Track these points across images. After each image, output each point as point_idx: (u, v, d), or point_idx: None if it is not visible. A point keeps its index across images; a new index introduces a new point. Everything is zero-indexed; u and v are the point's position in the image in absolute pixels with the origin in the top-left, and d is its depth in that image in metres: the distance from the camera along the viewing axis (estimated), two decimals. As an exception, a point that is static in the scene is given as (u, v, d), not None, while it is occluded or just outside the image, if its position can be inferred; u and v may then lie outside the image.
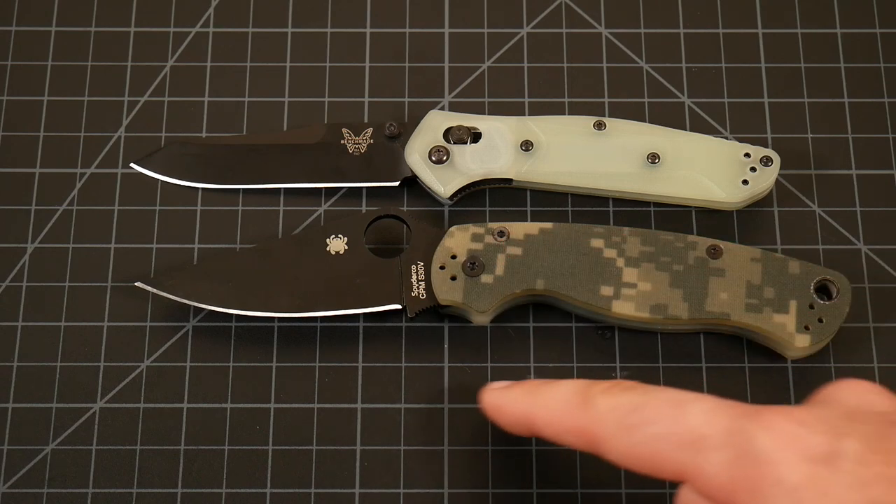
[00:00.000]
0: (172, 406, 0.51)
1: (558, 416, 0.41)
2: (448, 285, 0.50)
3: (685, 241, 0.50)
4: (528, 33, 0.58)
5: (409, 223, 0.51)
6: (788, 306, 0.49)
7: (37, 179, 0.55)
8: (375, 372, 0.51)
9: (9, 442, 0.50)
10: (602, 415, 0.39)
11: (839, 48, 0.57)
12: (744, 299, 0.49)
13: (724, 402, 0.37)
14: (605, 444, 0.39)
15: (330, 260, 0.51)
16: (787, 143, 0.55)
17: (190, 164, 0.55)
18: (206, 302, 0.50)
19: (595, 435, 0.39)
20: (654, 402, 0.38)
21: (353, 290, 0.50)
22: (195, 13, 0.58)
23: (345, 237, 0.51)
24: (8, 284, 0.53)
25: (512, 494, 0.49)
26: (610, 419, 0.39)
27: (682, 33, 0.58)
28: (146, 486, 0.49)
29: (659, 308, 0.49)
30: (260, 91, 0.57)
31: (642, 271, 0.49)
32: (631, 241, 0.50)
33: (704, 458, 0.36)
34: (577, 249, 0.50)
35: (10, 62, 0.57)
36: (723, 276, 0.49)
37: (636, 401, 0.38)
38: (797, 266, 0.49)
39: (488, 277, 0.50)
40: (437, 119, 0.54)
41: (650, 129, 0.54)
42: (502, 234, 0.50)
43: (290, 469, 0.49)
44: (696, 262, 0.49)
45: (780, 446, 0.34)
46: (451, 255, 0.50)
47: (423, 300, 0.50)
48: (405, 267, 0.50)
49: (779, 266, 0.49)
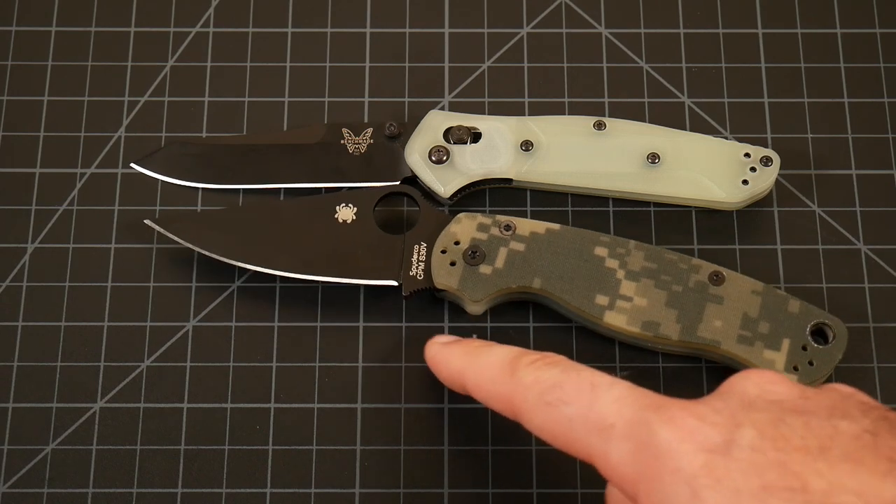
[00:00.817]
0: (172, 406, 0.51)
1: (487, 382, 0.43)
2: (446, 270, 0.50)
3: (689, 263, 0.50)
4: (528, 33, 0.58)
5: (419, 203, 0.52)
6: (781, 344, 0.48)
7: (37, 179, 0.55)
8: (375, 372, 0.51)
9: (9, 442, 0.50)
10: (524, 387, 0.40)
11: (839, 48, 0.57)
12: (737, 330, 0.48)
13: (636, 392, 0.38)
14: (525, 415, 0.40)
15: (336, 227, 0.51)
16: (787, 143, 0.55)
17: (190, 164, 0.55)
18: (209, 249, 0.51)
19: (516, 405, 0.41)
20: (572, 383, 0.39)
21: (354, 260, 0.51)
22: (195, 13, 0.58)
23: (354, 207, 0.51)
24: (8, 284, 0.53)
25: (512, 494, 0.49)
26: (531, 392, 0.40)
27: (682, 33, 0.58)
28: (146, 486, 0.49)
29: (650, 325, 0.49)
30: (260, 91, 0.57)
31: (640, 286, 0.49)
32: (635, 255, 0.50)
33: (611, 446, 0.37)
34: (580, 255, 0.50)
35: (10, 62, 0.57)
36: (720, 303, 0.49)
37: (557, 378, 0.39)
38: (797, 305, 0.49)
39: (487, 268, 0.50)
40: (437, 119, 0.54)
41: (650, 129, 0.54)
42: (509, 227, 0.50)
43: (290, 469, 0.49)
44: (697, 285, 0.49)
45: (679, 438, 0.35)
46: (454, 240, 0.50)
47: (420, 281, 0.50)
48: (408, 246, 0.51)
49: (779, 302, 0.49)
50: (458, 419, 0.50)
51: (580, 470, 0.49)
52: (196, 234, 0.51)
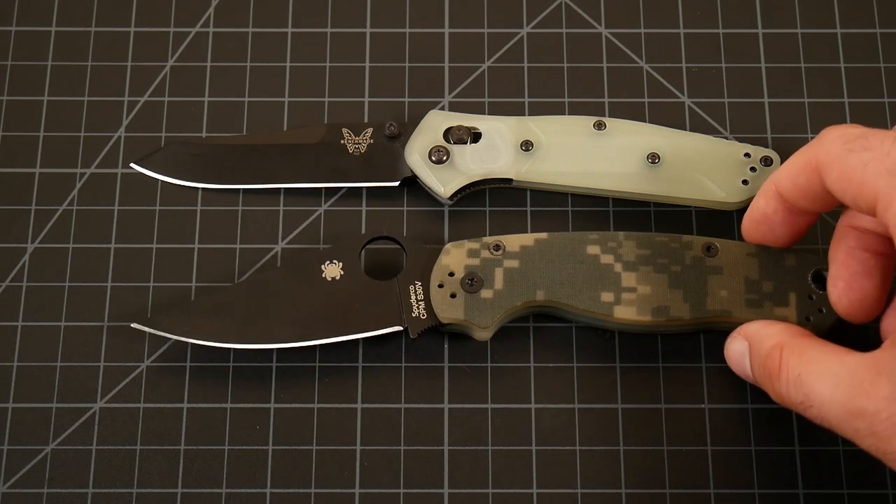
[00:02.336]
0: (172, 406, 0.51)
1: (792, 160, 0.46)
2: (448, 303, 0.49)
3: (680, 241, 0.50)
4: (528, 33, 0.58)
5: (403, 244, 0.51)
6: (788, 298, 0.49)
7: (37, 179, 0.55)
8: (375, 372, 0.51)
9: (9, 442, 0.50)
10: (829, 141, 0.43)
11: (839, 48, 0.57)
12: (744, 295, 0.49)
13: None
14: (826, 168, 0.43)
15: (326, 287, 0.50)
16: (787, 143, 0.55)
17: (190, 164, 0.55)
18: (204, 339, 0.49)
19: (820, 161, 0.44)
20: (876, 135, 0.42)
21: (353, 315, 0.50)
22: (195, 13, 0.58)
23: (340, 262, 0.51)
24: (8, 284, 0.53)
25: (512, 494, 0.49)
26: (835, 145, 0.43)
27: (682, 33, 0.58)
28: (146, 486, 0.49)
29: (660, 310, 0.49)
30: (260, 91, 0.57)
31: (641, 275, 0.49)
32: (627, 246, 0.50)
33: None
34: (575, 257, 0.50)
35: (10, 62, 0.57)
36: (721, 273, 0.49)
37: (862, 131, 0.43)
38: (793, 258, 0.49)
39: (488, 292, 0.49)
40: (437, 119, 0.54)
41: (650, 129, 0.54)
42: (498, 247, 0.50)
43: (290, 469, 0.49)
44: (693, 261, 0.50)
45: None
46: (448, 272, 0.50)
47: (425, 320, 0.49)
48: (403, 288, 0.50)
49: (775, 259, 0.49)
50: (458, 419, 0.50)
51: (581, 470, 0.49)
52: (188, 328, 0.50)
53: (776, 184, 0.47)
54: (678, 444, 0.50)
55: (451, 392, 0.51)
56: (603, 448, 0.50)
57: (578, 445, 0.50)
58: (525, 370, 0.51)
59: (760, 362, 0.45)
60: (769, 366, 0.44)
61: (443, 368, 0.51)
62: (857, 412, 0.40)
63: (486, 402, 0.51)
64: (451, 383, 0.51)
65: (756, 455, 0.50)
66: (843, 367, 0.41)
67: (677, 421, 0.50)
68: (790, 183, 0.46)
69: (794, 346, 0.44)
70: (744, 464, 0.49)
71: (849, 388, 0.41)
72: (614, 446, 0.50)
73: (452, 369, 0.51)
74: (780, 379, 0.44)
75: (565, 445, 0.50)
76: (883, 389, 0.40)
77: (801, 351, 0.43)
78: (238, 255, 0.53)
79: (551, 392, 0.51)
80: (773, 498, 0.49)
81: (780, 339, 0.45)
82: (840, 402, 0.41)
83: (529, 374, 0.51)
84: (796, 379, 0.43)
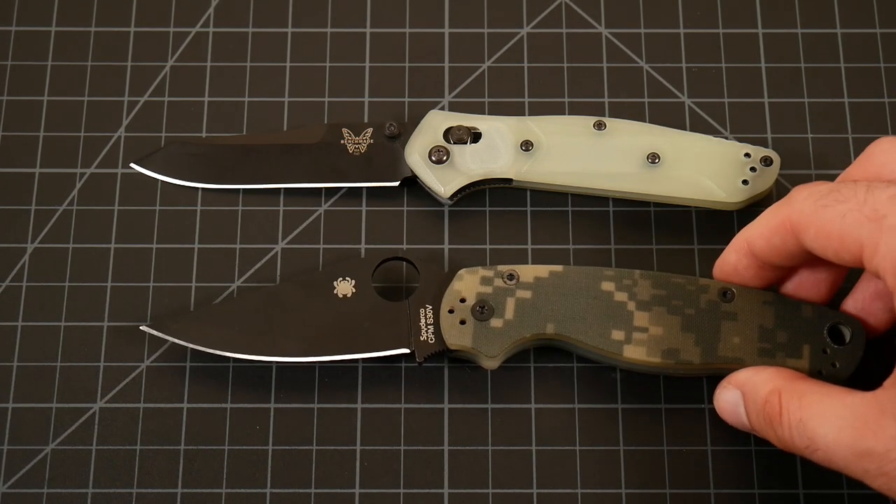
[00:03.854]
0: (172, 406, 0.51)
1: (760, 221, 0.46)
2: (457, 329, 0.49)
3: (697, 283, 0.49)
4: (528, 33, 0.58)
5: (417, 266, 0.51)
6: (802, 351, 0.48)
7: (37, 179, 0.55)
8: (375, 372, 0.51)
9: (9, 442, 0.50)
10: (800, 201, 0.44)
11: (839, 48, 0.57)
12: (756, 343, 0.48)
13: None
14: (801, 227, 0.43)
15: (337, 303, 0.50)
16: (787, 143, 0.55)
17: (190, 164, 0.55)
18: (211, 346, 0.49)
19: (794, 222, 0.44)
20: (847, 187, 0.42)
21: (361, 333, 0.49)
22: (195, 13, 0.58)
23: (352, 280, 0.50)
24: (8, 284, 0.53)
25: (512, 494, 0.49)
26: (807, 203, 0.43)
27: (682, 33, 0.58)
28: (146, 486, 0.49)
29: (671, 353, 0.48)
30: (260, 91, 0.57)
31: (654, 315, 0.48)
32: (642, 284, 0.49)
33: (882, 236, 0.40)
34: (588, 293, 0.49)
35: (10, 62, 0.57)
36: (735, 319, 0.48)
37: (831, 186, 0.43)
38: (810, 310, 0.48)
39: (498, 321, 0.49)
40: (437, 119, 0.54)
41: (650, 129, 0.54)
42: (512, 277, 0.49)
43: (290, 469, 0.49)
44: (708, 305, 0.48)
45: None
46: (459, 298, 0.49)
47: (432, 344, 0.49)
48: (414, 310, 0.50)
49: (791, 309, 0.48)
50: (458, 419, 0.50)
51: (580, 470, 0.49)
52: (195, 334, 0.50)
53: (748, 242, 0.47)
54: (678, 444, 0.50)
55: (451, 392, 0.51)
56: (603, 448, 0.50)
57: (578, 445, 0.50)
58: (525, 370, 0.51)
59: (758, 410, 0.44)
60: (769, 412, 0.44)
61: (443, 369, 0.51)
62: (865, 453, 0.40)
63: (486, 402, 0.51)
64: (451, 383, 0.51)
65: (756, 455, 0.50)
66: (845, 408, 0.41)
67: (677, 421, 0.50)
68: (764, 242, 0.46)
69: (793, 389, 0.43)
70: (744, 464, 0.49)
71: (854, 430, 0.40)
72: (614, 446, 0.50)
73: (452, 370, 0.51)
74: (781, 424, 0.43)
75: (565, 445, 0.50)
76: (889, 429, 0.39)
77: (801, 394, 0.43)
78: (238, 255, 0.53)
79: (551, 392, 0.51)
80: (773, 498, 0.49)
81: (776, 384, 0.44)
82: (846, 444, 0.40)
83: (530, 374, 0.51)
84: (798, 423, 0.42)
